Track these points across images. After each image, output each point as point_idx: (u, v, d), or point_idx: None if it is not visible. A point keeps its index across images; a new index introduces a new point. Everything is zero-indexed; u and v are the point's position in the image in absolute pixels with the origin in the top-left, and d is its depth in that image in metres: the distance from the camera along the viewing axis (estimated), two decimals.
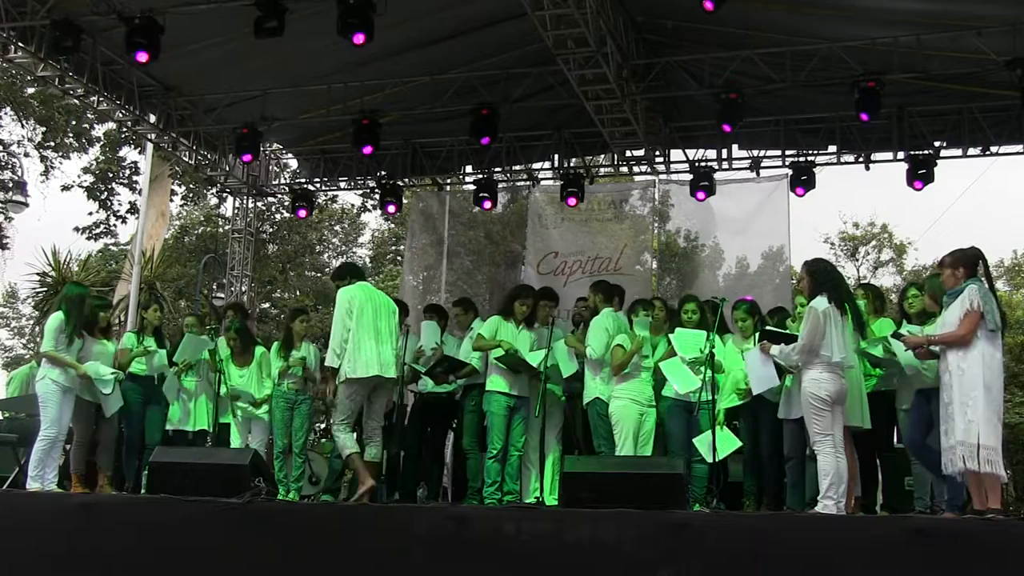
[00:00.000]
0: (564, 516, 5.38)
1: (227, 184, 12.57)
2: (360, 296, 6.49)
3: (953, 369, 5.31)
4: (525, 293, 7.56)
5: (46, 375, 6.90)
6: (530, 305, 7.36)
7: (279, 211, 21.59)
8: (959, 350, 5.30)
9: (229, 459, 6.40)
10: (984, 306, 5.29)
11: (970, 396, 5.21)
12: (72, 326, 6.98)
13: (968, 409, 5.19)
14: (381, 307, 6.55)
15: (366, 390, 6.45)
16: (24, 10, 8.72)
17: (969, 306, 5.30)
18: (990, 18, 8.26)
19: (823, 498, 5.50)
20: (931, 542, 4.62)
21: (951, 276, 5.56)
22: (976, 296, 5.31)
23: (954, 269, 5.54)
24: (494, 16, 9.12)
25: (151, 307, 8.06)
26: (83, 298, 7.20)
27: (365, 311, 6.42)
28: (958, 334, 5.31)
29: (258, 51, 8.84)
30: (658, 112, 10.52)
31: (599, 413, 7.05)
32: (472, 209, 12.78)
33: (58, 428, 6.87)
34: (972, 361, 5.25)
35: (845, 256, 26.55)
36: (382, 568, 5.34)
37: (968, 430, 5.15)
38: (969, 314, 5.29)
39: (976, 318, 5.27)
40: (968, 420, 5.17)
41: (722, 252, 12.19)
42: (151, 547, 5.70)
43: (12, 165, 18.26)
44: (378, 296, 6.66)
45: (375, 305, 6.51)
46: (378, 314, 6.47)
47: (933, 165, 10.06)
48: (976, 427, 5.13)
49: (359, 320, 6.38)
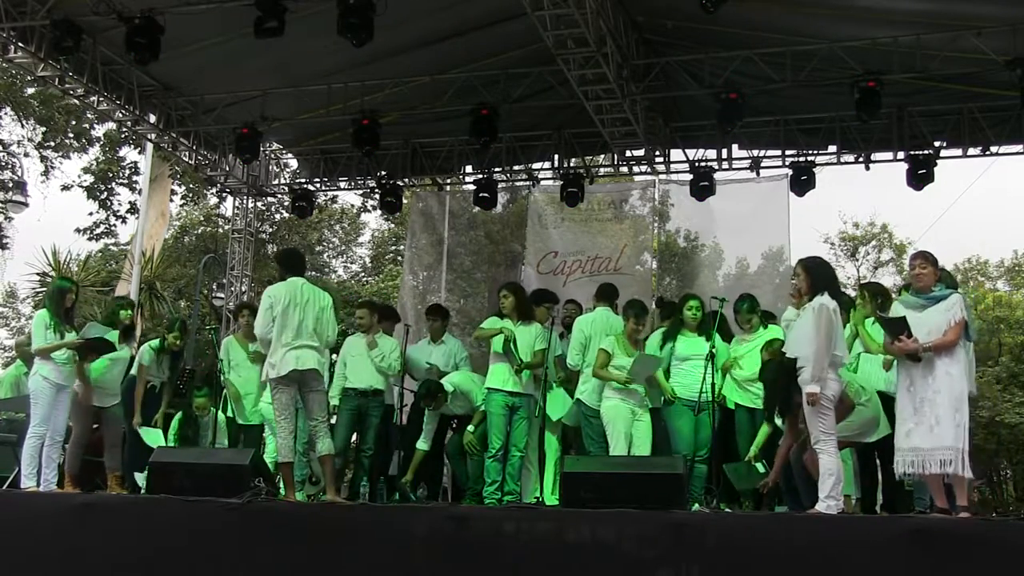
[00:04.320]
0: (564, 516, 5.38)
1: (227, 184, 12.57)
2: (283, 294, 6.36)
3: (940, 374, 5.38)
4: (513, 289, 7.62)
5: (39, 372, 6.84)
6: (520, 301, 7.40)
7: (279, 211, 21.62)
8: (946, 356, 5.40)
9: (229, 459, 6.39)
10: (967, 316, 5.48)
11: (961, 401, 5.33)
12: (56, 319, 6.88)
13: (957, 414, 5.29)
14: (307, 303, 6.36)
15: (292, 388, 6.34)
16: (24, 10, 8.72)
17: (958, 314, 5.43)
18: (990, 18, 8.26)
19: (823, 498, 5.50)
20: (931, 542, 4.62)
21: (932, 274, 5.60)
22: (963, 306, 5.48)
23: (935, 268, 5.64)
24: (494, 16, 9.12)
25: (175, 331, 7.90)
26: (64, 291, 7.10)
27: (287, 310, 6.29)
28: (950, 340, 5.40)
29: (258, 51, 8.84)
30: (658, 112, 10.52)
31: (583, 413, 7.10)
32: (472, 209, 12.78)
33: (48, 426, 6.80)
34: (959, 368, 5.40)
35: (845, 256, 26.52)
36: (382, 568, 5.34)
37: (957, 435, 5.25)
38: (958, 323, 5.42)
39: (962, 327, 5.43)
40: (956, 425, 5.27)
41: (722, 252, 12.19)
42: (151, 547, 5.70)
43: (12, 165, 18.29)
44: (306, 291, 6.42)
45: (299, 301, 6.34)
46: (303, 310, 6.31)
47: (933, 165, 10.05)
48: (963, 431, 5.26)
49: (280, 319, 6.27)
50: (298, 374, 6.26)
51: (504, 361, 7.15)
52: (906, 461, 5.40)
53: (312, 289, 6.47)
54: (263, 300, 6.42)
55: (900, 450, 5.45)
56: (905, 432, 5.44)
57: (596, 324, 7.29)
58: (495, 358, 7.23)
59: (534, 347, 7.21)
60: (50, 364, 6.86)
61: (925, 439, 5.33)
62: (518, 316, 7.32)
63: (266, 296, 6.41)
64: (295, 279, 6.45)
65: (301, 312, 6.29)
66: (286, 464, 6.36)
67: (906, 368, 5.52)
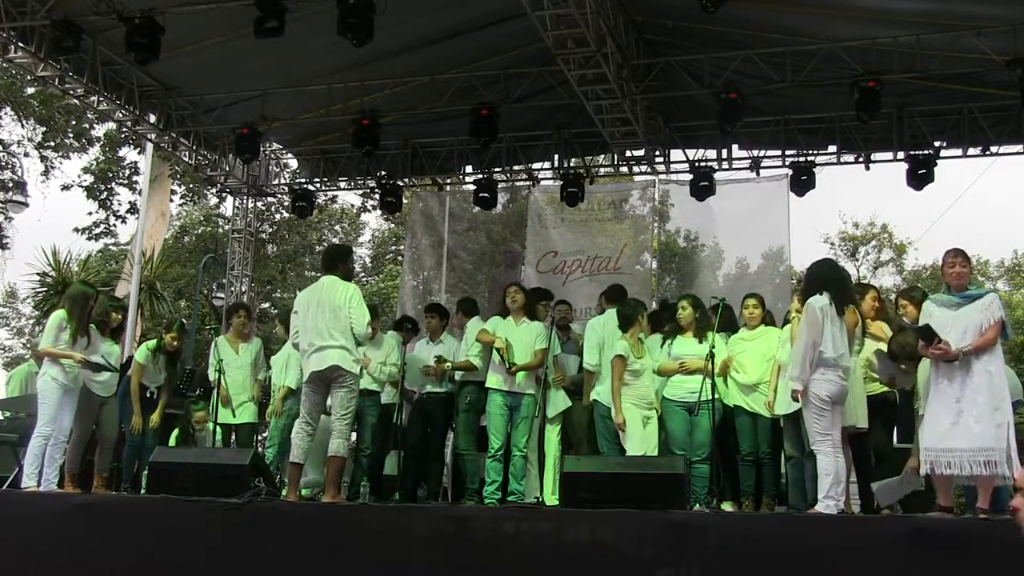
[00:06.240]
0: (564, 516, 5.39)
1: (227, 184, 12.57)
2: (303, 299, 6.48)
3: (979, 372, 5.28)
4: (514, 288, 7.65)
5: (47, 372, 6.87)
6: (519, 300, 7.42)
7: (279, 211, 21.62)
8: (985, 354, 5.32)
9: (229, 459, 6.39)
10: (1004, 316, 5.41)
11: (1003, 399, 5.25)
12: (75, 325, 6.92)
13: (997, 413, 5.20)
14: (321, 302, 6.35)
15: (316, 392, 6.36)
16: (24, 10, 8.72)
17: (997, 313, 5.38)
18: (990, 18, 8.26)
19: (823, 498, 5.50)
20: (931, 542, 4.62)
21: (968, 272, 5.59)
22: (1000, 304, 5.43)
23: (970, 266, 5.63)
24: (494, 16, 9.12)
25: (172, 331, 7.89)
26: (87, 297, 7.09)
27: (307, 313, 6.34)
28: (990, 339, 5.34)
29: (258, 51, 8.84)
30: (658, 112, 10.52)
31: (599, 413, 7.09)
32: (472, 210, 12.78)
33: (54, 426, 6.82)
34: (998, 365, 5.33)
35: (845, 256, 26.55)
36: (382, 568, 5.34)
37: (999, 435, 5.14)
38: (997, 321, 5.36)
39: (1000, 325, 5.37)
40: (997, 424, 5.17)
41: (722, 252, 12.20)
42: (151, 547, 5.70)
43: (12, 165, 18.28)
44: (325, 290, 6.40)
45: (319, 301, 6.35)
46: (320, 308, 6.31)
47: (933, 165, 10.05)
48: (1005, 431, 5.15)
49: (302, 323, 6.35)
50: (317, 375, 6.28)
51: (502, 363, 7.18)
52: (941, 462, 5.24)
53: (332, 286, 6.38)
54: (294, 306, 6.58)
55: (930, 450, 5.30)
56: (940, 432, 5.29)
57: (609, 326, 7.31)
58: (493, 360, 7.26)
59: (535, 346, 7.22)
60: (58, 366, 6.87)
61: (963, 439, 5.21)
62: (523, 315, 7.36)
63: (295, 303, 6.57)
64: (323, 278, 6.49)
65: (317, 313, 6.30)
66: (293, 465, 6.38)
67: (941, 368, 5.40)
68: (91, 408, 7.27)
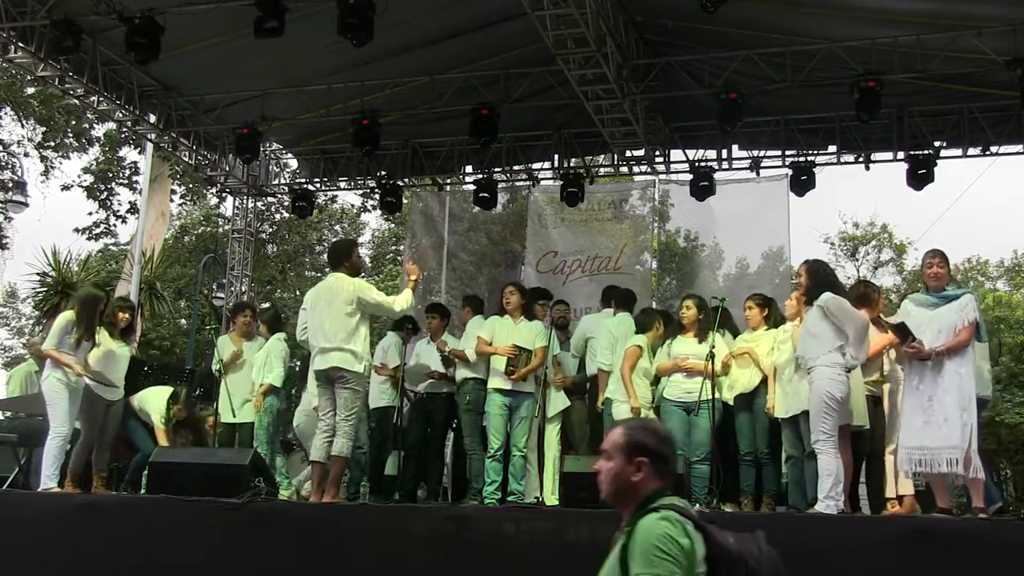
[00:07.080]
0: (564, 516, 5.39)
1: (227, 184, 12.57)
2: (310, 297, 6.57)
3: (950, 374, 5.37)
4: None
5: (51, 374, 6.82)
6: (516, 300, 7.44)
7: (279, 211, 21.61)
8: (956, 356, 5.40)
9: (229, 459, 6.40)
10: (979, 317, 5.47)
11: (970, 401, 5.32)
12: (82, 328, 6.85)
13: (964, 413, 5.28)
14: (322, 298, 6.41)
15: (326, 391, 6.38)
16: (24, 10, 8.72)
17: (971, 315, 5.42)
18: (990, 18, 8.26)
19: (823, 498, 5.50)
20: (931, 542, 4.62)
21: (948, 273, 5.61)
22: (975, 306, 5.48)
23: (949, 267, 5.65)
24: (494, 16, 9.12)
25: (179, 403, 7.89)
26: (98, 300, 7.03)
27: (314, 309, 6.41)
28: (963, 340, 5.39)
29: (258, 51, 8.84)
30: (658, 112, 10.52)
31: (610, 413, 7.10)
32: (472, 210, 12.77)
33: (69, 426, 6.80)
34: (969, 368, 5.40)
35: (845, 256, 26.55)
36: (382, 568, 5.34)
37: (964, 435, 5.24)
38: (970, 323, 5.41)
39: (974, 327, 5.43)
40: (964, 424, 5.25)
41: (722, 252, 12.19)
42: (151, 547, 5.70)
43: (12, 165, 18.27)
44: (325, 289, 6.47)
45: (321, 300, 6.40)
46: (326, 307, 6.34)
47: (933, 165, 10.04)
48: (969, 431, 5.25)
49: (310, 322, 6.42)
50: (322, 374, 6.34)
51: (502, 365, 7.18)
52: (913, 459, 5.38)
53: (338, 284, 6.39)
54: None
55: (906, 448, 5.43)
56: (913, 430, 5.41)
57: (623, 327, 7.42)
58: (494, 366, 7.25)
59: (534, 345, 7.22)
60: (61, 368, 6.82)
61: (934, 438, 5.31)
62: (521, 314, 7.36)
63: (305, 299, 6.64)
64: (330, 276, 6.56)
65: (323, 312, 6.35)
66: (316, 464, 6.37)
67: (914, 367, 5.50)
68: (97, 411, 7.22)
